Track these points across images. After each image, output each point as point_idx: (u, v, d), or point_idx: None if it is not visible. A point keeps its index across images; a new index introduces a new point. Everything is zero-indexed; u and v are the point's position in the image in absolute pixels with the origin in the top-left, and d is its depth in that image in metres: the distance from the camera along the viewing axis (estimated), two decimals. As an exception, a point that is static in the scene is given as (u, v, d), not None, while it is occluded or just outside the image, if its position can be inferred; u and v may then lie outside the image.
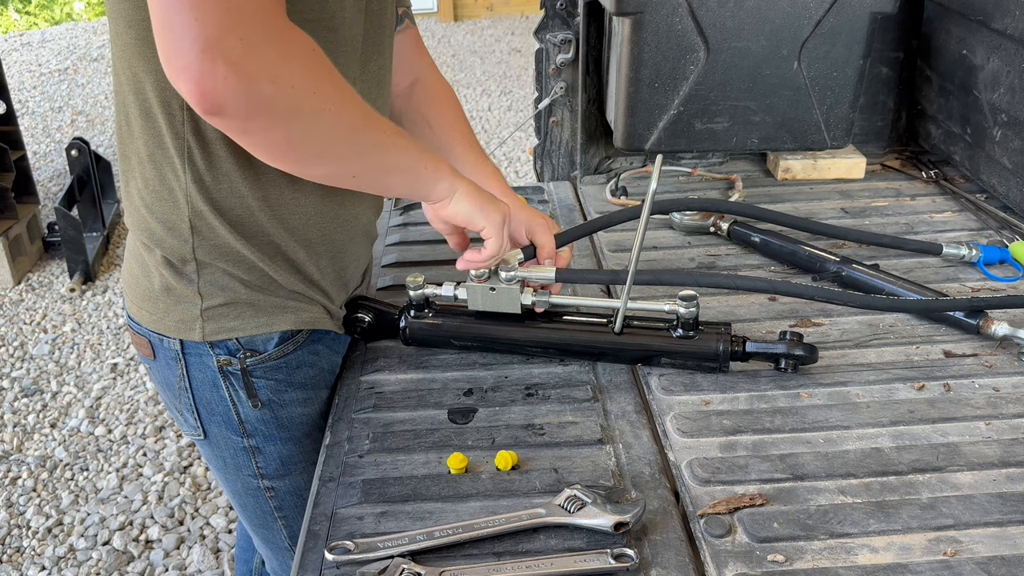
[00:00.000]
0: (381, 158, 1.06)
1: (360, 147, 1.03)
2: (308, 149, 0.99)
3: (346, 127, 0.98)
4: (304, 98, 0.92)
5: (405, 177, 1.11)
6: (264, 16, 0.88)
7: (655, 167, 1.14)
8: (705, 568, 0.96)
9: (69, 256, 3.89)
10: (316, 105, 0.94)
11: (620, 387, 1.27)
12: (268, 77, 0.88)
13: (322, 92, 0.94)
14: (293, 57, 0.90)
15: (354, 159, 1.04)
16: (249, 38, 0.86)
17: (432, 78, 1.43)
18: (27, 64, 7.24)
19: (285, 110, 0.92)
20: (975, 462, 1.09)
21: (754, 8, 1.69)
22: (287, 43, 0.90)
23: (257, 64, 0.87)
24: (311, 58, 0.93)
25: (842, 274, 1.49)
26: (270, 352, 1.20)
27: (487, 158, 1.40)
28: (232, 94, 0.87)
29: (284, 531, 1.37)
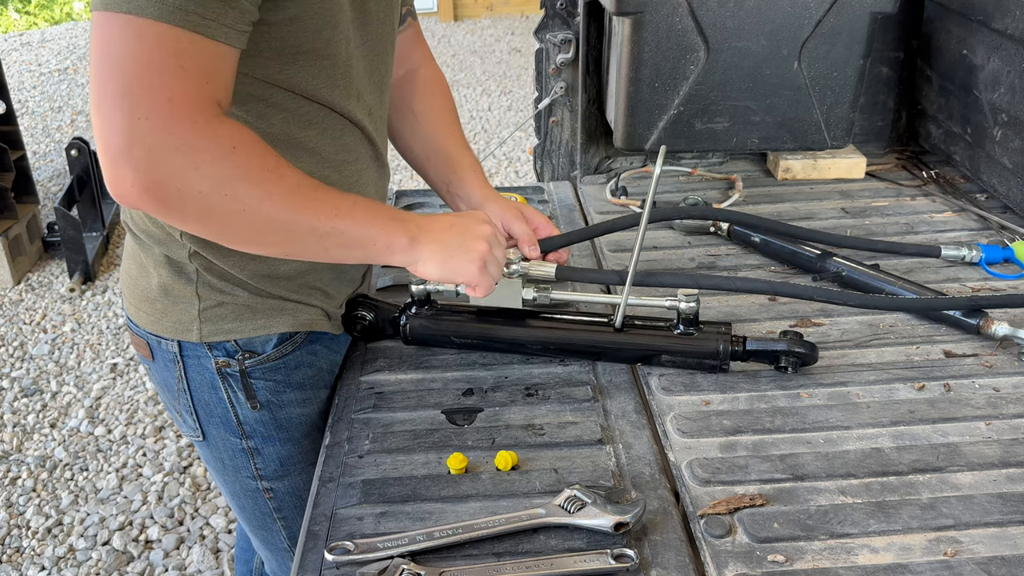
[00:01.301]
0: (317, 241, 1.04)
1: (288, 236, 1.02)
2: (232, 239, 1.02)
3: (266, 220, 0.99)
4: (215, 201, 0.94)
5: (350, 252, 1.09)
6: (175, 124, 0.89)
7: (658, 157, 1.14)
8: (705, 568, 0.96)
9: (69, 256, 3.89)
10: (228, 206, 0.95)
11: (620, 387, 1.27)
12: (175, 185, 0.91)
13: (234, 193, 0.95)
14: (203, 163, 0.91)
15: (285, 244, 1.04)
16: (155, 148, 0.88)
17: (426, 69, 1.43)
18: (27, 64, 7.24)
19: (196, 212, 0.95)
20: (975, 462, 1.09)
21: (754, 8, 1.69)
22: (198, 150, 0.91)
23: (163, 173, 0.90)
24: (227, 159, 0.93)
25: (842, 274, 1.49)
26: (268, 353, 1.20)
27: (467, 151, 1.41)
28: (140, 197, 0.91)
29: (283, 532, 1.37)
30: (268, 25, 0.99)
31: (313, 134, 1.12)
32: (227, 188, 0.94)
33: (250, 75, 1.02)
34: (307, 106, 1.09)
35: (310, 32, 1.03)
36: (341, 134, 1.15)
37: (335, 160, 1.16)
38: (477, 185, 1.37)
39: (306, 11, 1.01)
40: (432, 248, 1.12)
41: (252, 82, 1.03)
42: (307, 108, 1.09)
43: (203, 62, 0.91)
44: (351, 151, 1.17)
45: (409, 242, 1.11)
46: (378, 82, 1.21)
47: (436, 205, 1.89)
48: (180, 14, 0.87)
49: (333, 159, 1.15)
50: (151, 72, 0.88)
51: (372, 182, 1.24)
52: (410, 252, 1.11)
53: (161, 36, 0.88)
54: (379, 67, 1.20)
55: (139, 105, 0.87)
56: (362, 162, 1.20)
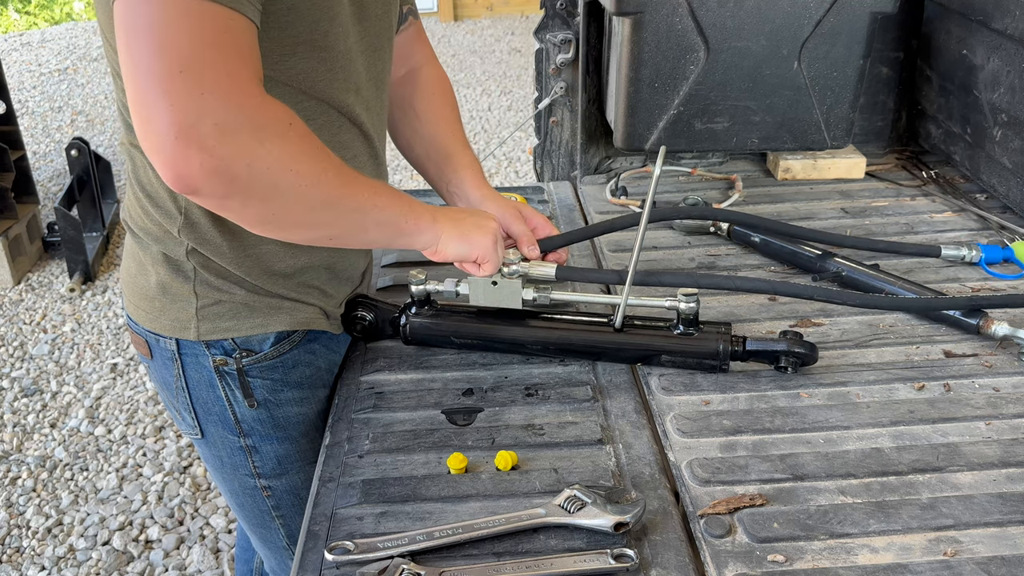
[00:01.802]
0: (360, 220, 1.08)
1: (338, 214, 1.05)
2: (286, 221, 1.02)
3: (323, 198, 1.00)
4: (280, 177, 0.94)
5: (385, 233, 1.12)
6: (238, 98, 0.88)
7: (658, 157, 1.14)
8: (705, 568, 0.96)
9: (69, 256, 3.89)
10: (292, 182, 0.95)
11: (620, 387, 1.27)
12: (244, 161, 0.89)
13: (298, 169, 0.95)
14: (268, 138, 0.91)
15: (333, 225, 1.06)
16: (223, 123, 0.86)
17: (428, 68, 1.44)
18: (27, 64, 7.24)
19: (261, 190, 0.94)
20: (975, 462, 1.09)
21: (754, 8, 1.69)
22: (262, 125, 0.91)
23: (232, 149, 0.88)
24: (287, 135, 0.94)
25: (842, 274, 1.49)
26: (266, 352, 1.20)
27: (468, 150, 1.42)
28: (207, 178, 0.88)
29: (282, 530, 1.37)
30: (267, 15, 0.98)
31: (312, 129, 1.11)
32: (292, 163, 0.94)
33: None
34: (305, 101, 1.09)
35: (308, 23, 1.03)
36: (338, 131, 1.15)
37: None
38: (476, 184, 1.38)
39: (303, 2, 1.01)
40: (451, 226, 1.18)
41: None
42: (305, 103, 1.09)
43: (243, 38, 0.90)
44: (347, 148, 1.17)
45: (431, 221, 1.16)
46: (375, 77, 1.21)
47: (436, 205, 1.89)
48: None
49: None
50: (206, 48, 0.86)
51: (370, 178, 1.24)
52: (433, 230, 1.16)
53: (207, 12, 0.86)
54: (376, 63, 1.20)
55: (202, 80, 0.85)
56: (359, 159, 1.20)
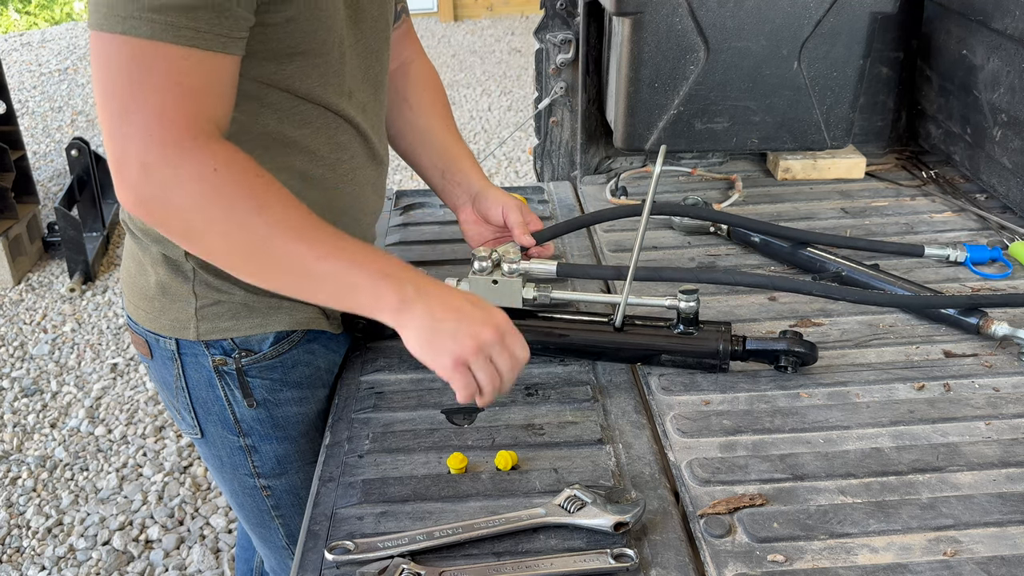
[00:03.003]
0: (299, 280, 1.02)
1: (269, 268, 1.01)
2: (216, 260, 1.03)
3: (244, 248, 0.99)
4: (194, 221, 0.97)
5: (338, 300, 1.05)
6: (163, 142, 0.92)
7: (659, 157, 1.14)
8: (705, 568, 0.96)
9: (69, 256, 3.89)
10: (206, 228, 0.97)
11: (620, 387, 1.27)
12: (160, 200, 0.95)
13: (211, 215, 0.96)
14: (185, 181, 0.94)
15: (267, 277, 1.03)
16: (146, 164, 0.93)
17: (418, 61, 1.44)
18: (27, 64, 7.24)
19: (179, 229, 0.99)
20: (975, 462, 1.09)
21: (754, 8, 1.69)
22: (180, 167, 0.93)
23: (151, 188, 0.94)
24: (205, 181, 0.94)
25: (842, 274, 1.49)
26: (265, 352, 1.20)
27: (460, 140, 1.42)
28: (135, 210, 0.97)
29: (281, 530, 1.37)
30: (264, 27, 0.99)
31: (307, 132, 1.12)
32: (204, 210, 0.96)
33: (244, 76, 1.02)
34: (301, 105, 1.09)
35: (306, 33, 1.04)
36: (335, 132, 1.15)
37: (329, 159, 1.16)
38: (477, 174, 1.39)
39: (302, 13, 1.02)
40: (422, 323, 1.02)
41: (246, 82, 1.03)
42: (301, 107, 1.09)
43: (199, 76, 0.92)
44: (345, 149, 1.17)
45: (399, 304, 1.02)
46: (372, 79, 1.21)
47: (436, 205, 1.89)
48: (172, 30, 0.89)
49: (327, 158, 1.15)
50: (145, 91, 0.91)
51: (368, 180, 1.24)
52: (397, 316, 1.02)
53: (155, 54, 0.90)
54: (373, 64, 1.20)
55: (133, 123, 0.91)
56: (356, 160, 1.20)
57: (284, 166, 1.11)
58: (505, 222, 1.35)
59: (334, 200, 1.18)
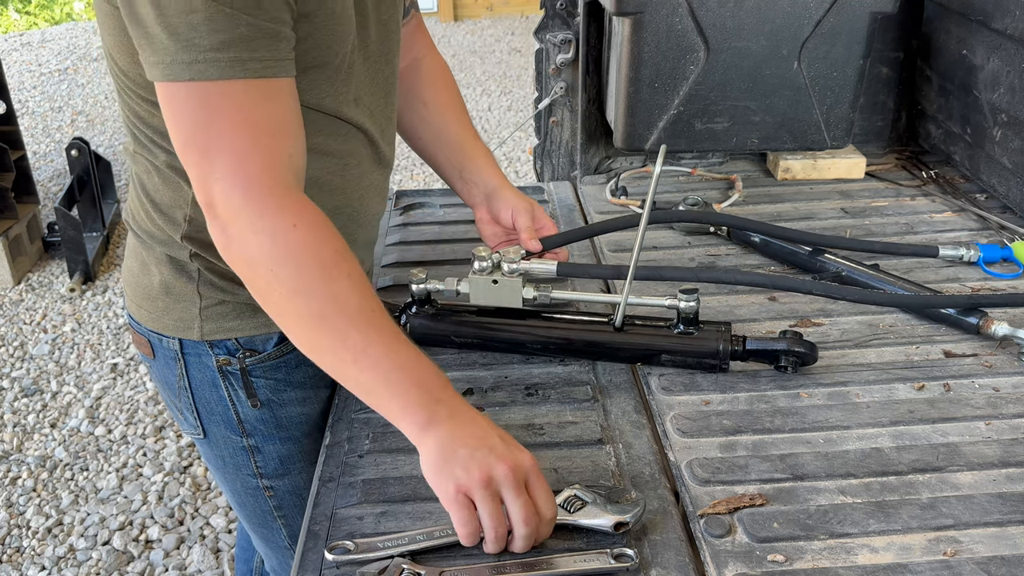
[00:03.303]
0: (335, 366, 0.98)
1: (310, 341, 0.99)
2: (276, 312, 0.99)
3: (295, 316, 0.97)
4: (258, 270, 0.96)
5: (365, 395, 0.99)
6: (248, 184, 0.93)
7: (659, 157, 1.14)
8: (705, 568, 0.96)
9: (69, 256, 3.89)
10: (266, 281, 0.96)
11: (620, 387, 1.27)
12: (236, 243, 0.95)
13: (275, 274, 0.95)
14: (262, 231, 0.93)
15: (307, 348, 0.99)
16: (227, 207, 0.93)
17: (430, 58, 1.43)
18: (27, 64, 7.24)
19: (241, 272, 0.98)
20: (975, 462, 1.09)
21: (754, 8, 1.69)
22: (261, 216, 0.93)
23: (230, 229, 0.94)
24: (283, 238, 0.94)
25: (842, 274, 1.49)
26: (269, 352, 1.20)
27: (479, 139, 1.41)
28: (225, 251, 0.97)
29: (283, 530, 1.37)
30: None
31: (319, 140, 1.11)
32: (271, 264, 0.95)
33: None
34: (311, 114, 1.09)
35: (321, 49, 1.03)
36: (346, 138, 1.15)
37: (338, 164, 1.16)
38: (492, 172, 1.38)
39: (319, 29, 1.01)
40: (440, 444, 0.94)
41: None
42: (312, 116, 1.09)
43: (268, 108, 0.93)
44: (353, 155, 1.17)
45: (426, 422, 0.95)
46: (382, 83, 1.20)
47: (436, 205, 1.89)
48: (238, 65, 0.89)
49: (336, 163, 1.15)
50: (221, 136, 0.92)
51: (374, 184, 1.24)
52: (421, 433, 0.95)
53: (224, 95, 0.90)
54: (383, 68, 1.20)
55: (216, 167, 0.92)
56: (364, 165, 1.20)
57: None
58: (514, 225, 1.34)
59: (340, 204, 1.18)
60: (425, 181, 4.81)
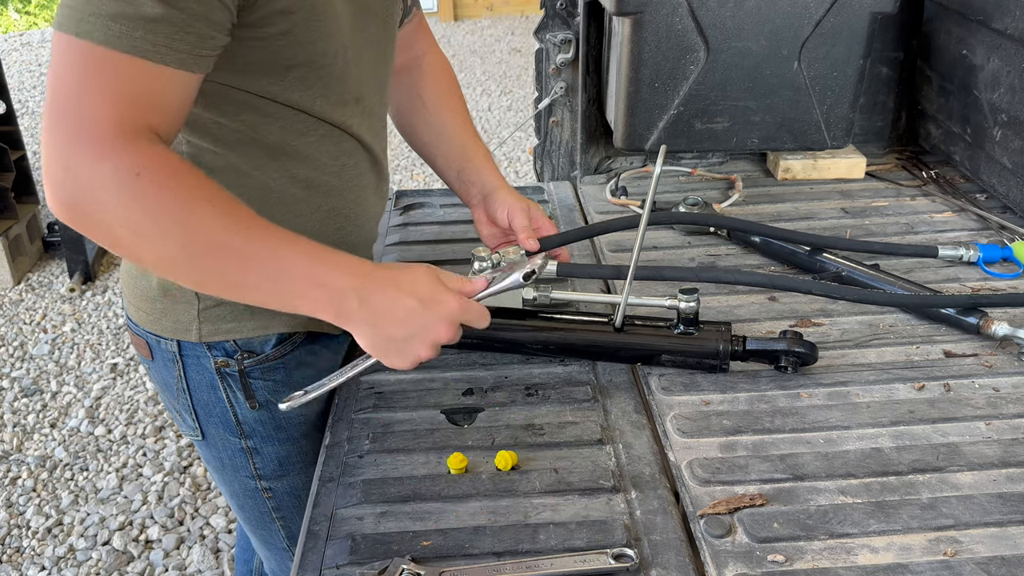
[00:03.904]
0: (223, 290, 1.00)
1: (194, 280, 0.99)
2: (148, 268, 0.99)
3: (166, 260, 0.95)
4: (114, 229, 0.92)
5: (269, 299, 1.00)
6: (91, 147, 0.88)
7: (659, 157, 1.14)
8: (705, 568, 0.96)
9: (69, 256, 3.89)
10: (128, 238, 0.92)
11: (620, 387, 1.27)
12: (81, 209, 0.90)
13: (133, 225, 0.91)
14: (104, 188, 0.89)
15: (199, 285, 1.01)
16: (71, 168, 0.88)
17: (431, 55, 1.42)
18: (27, 64, 7.23)
19: (102, 238, 0.93)
20: (975, 462, 1.09)
21: (754, 8, 1.69)
22: (101, 174, 0.89)
23: (76, 193, 0.89)
24: (125, 187, 0.89)
25: (842, 274, 1.49)
26: (268, 353, 1.20)
27: (478, 138, 1.40)
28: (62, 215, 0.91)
29: (282, 531, 1.37)
30: (258, 40, 0.97)
31: (311, 141, 1.11)
32: (126, 219, 0.91)
33: (242, 89, 1.02)
34: (302, 116, 1.08)
35: (304, 45, 1.02)
36: (339, 140, 1.15)
37: (333, 166, 1.15)
38: (490, 173, 1.38)
39: (299, 25, 0.99)
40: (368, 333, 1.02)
41: (245, 95, 1.03)
42: (302, 118, 1.08)
43: (145, 86, 0.90)
44: (349, 156, 1.17)
45: (335, 316, 1.00)
46: (381, 81, 1.20)
47: (436, 205, 1.89)
48: (126, 40, 0.87)
49: (331, 165, 1.15)
50: (85, 94, 0.88)
51: (371, 184, 1.24)
52: (340, 323, 1.01)
53: (103, 60, 0.87)
54: (382, 66, 1.20)
55: (67, 126, 0.88)
56: (361, 166, 1.20)
57: (288, 175, 1.11)
58: (510, 225, 1.34)
59: (337, 206, 1.18)
60: (425, 181, 4.81)
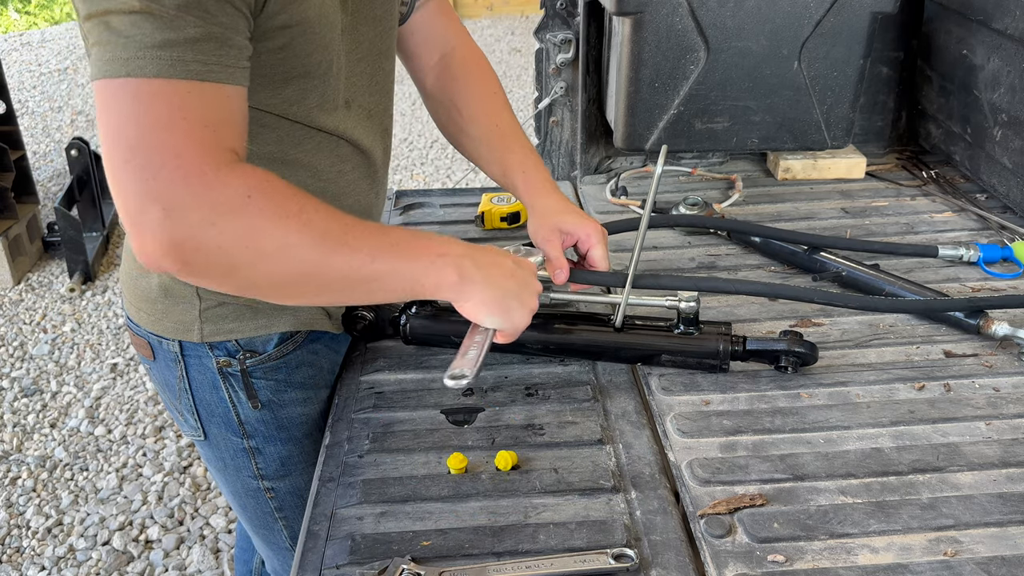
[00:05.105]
0: (357, 286, 1.00)
1: (324, 284, 0.98)
2: (262, 293, 0.98)
3: (295, 272, 0.94)
4: (237, 255, 0.90)
5: (398, 294, 1.05)
6: (184, 180, 0.85)
7: (659, 157, 1.14)
8: (705, 568, 0.96)
9: (69, 256, 3.89)
10: (250, 259, 0.91)
11: (620, 387, 1.27)
12: (192, 244, 0.87)
13: (255, 246, 0.90)
14: (219, 216, 0.87)
15: (323, 293, 1.01)
16: (169, 208, 0.85)
17: (460, 51, 1.36)
18: (27, 64, 7.23)
19: (220, 270, 0.91)
20: (975, 462, 1.09)
21: (754, 8, 1.69)
22: (212, 204, 0.86)
23: (180, 232, 0.86)
24: (244, 210, 0.88)
25: (842, 274, 1.49)
26: (269, 352, 1.20)
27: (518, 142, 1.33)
28: (164, 260, 0.87)
29: (284, 531, 1.37)
30: (258, 54, 0.96)
31: (308, 149, 1.10)
32: (247, 240, 0.89)
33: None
34: (299, 126, 1.08)
35: (300, 57, 1.01)
36: (336, 146, 1.14)
37: (331, 172, 1.15)
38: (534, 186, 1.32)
39: (296, 38, 0.99)
40: (488, 291, 1.08)
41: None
42: (299, 127, 1.08)
43: (209, 109, 0.87)
44: (347, 161, 1.16)
45: (459, 279, 1.05)
46: (381, 82, 1.19)
47: (436, 205, 1.89)
48: (180, 65, 0.85)
49: (328, 171, 1.14)
50: (154, 131, 0.85)
51: (371, 188, 1.24)
52: (459, 289, 1.06)
53: (160, 92, 0.85)
54: (382, 66, 1.19)
55: (147, 166, 0.84)
56: (359, 171, 1.19)
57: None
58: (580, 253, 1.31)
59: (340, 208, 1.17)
60: (425, 181, 4.81)
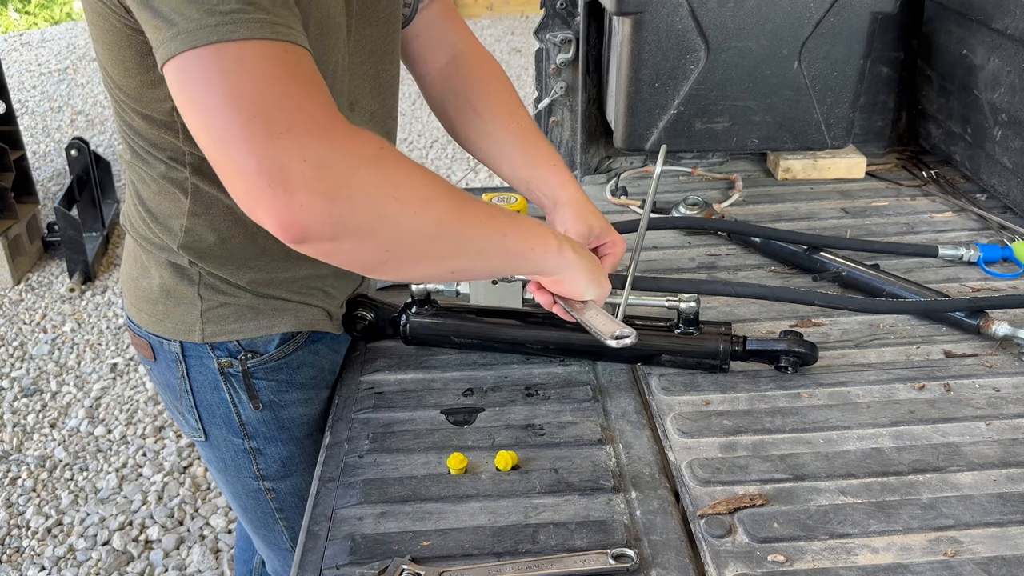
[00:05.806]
0: (482, 247, 0.99)
1: (457, 243, 0.95)
2: (402, 255, 0.92)
3: (436, 226, 0.91)
4: (384, 206, 0.85)
5: (509, 260, 1.04)
6: (319, 126, 0.80)
7: (659, 157, 1.14)
8: (705, 568, 0.96)
9: (69, 256, 3.89)
10: (398, 210, 0.86)
11: (620, 387, 1.27)
12: (344, 193, 0.81)
13: (401, 195, 0.86)
14: (361, 165, 0.83)
15: (452, 256, 0.97)
16: (311, 158, 0.79)
17: (471, 52, 1.35)
18: (27, 64, 7.23)
19: (370, 223, 0.85)
20: (975, 462, 1.09)
21: (754, 8, 1.69)
22: (351, 153, 0.82)
23: (329, 182, 0.80)
24: (380, 160, 0.85)
25: (842, 274, 1.49)
26: (271, 353, 1.20)
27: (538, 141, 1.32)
28: (315, 219, 0.81)
29: (285, 532, 1.37)
30: None
31: None
32: (392, 190, 0.85)
33: None
34: None
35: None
36: None
37: None
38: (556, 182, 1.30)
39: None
40: (580, 261, 1.09)
41: None
42: None
43: (310, 69, 0.84)
44: None
45: (558, 248, 1.07)
46: (385, 83, 1.19)
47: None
48: (268, 27, 0.80)
49: None
50: (269, 88, 0.79)
51: None
52: (559, 256, 1.07)
53: (261, 52, 0.80)
54: (387, 68, 1.18)
55: (274, 122, 0.78)
56: None
57: None
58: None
59: None
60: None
